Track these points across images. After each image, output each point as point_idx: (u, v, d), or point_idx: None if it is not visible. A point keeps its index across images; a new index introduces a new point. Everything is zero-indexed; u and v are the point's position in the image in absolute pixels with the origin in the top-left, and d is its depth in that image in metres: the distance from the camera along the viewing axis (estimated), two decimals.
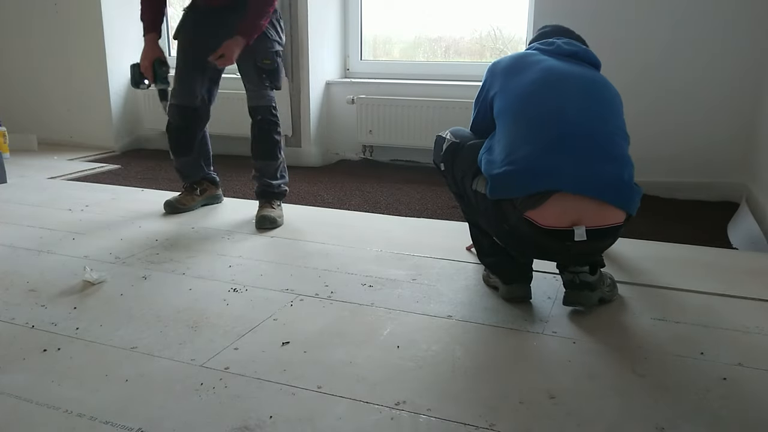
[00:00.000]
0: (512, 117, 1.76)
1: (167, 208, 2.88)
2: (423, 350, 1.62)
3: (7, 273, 2.14)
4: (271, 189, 2.78)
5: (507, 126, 1.76)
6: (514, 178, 1.66)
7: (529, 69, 1.81)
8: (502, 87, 1.83)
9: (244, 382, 1.47)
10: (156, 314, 1.83)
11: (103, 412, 1.35)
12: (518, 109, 1.76)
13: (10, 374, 1.51)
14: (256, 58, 2.61)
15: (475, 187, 1.81)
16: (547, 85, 1.76)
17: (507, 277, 1.92)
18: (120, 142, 4.52)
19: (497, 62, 1.93)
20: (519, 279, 1.92)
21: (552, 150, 1.65)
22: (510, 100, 1.79)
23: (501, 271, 1.94)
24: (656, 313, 1.85)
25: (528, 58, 1.87)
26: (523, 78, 1.80)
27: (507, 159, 1.69)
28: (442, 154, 1.99)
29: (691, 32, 3.08)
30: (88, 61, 4.42)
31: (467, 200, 1.93)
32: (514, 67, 1.86)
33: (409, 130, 3.83)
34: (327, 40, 4.02)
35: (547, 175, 1.63)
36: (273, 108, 2.72)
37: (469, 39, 4.14)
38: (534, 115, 1.73)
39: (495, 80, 1.88)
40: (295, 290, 2.01)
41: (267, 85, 2.67)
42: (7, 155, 3.89)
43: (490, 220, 1.80)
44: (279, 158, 2.78)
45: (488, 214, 1.77)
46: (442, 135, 2.02)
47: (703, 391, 1.44)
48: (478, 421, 1.32)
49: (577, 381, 1.48)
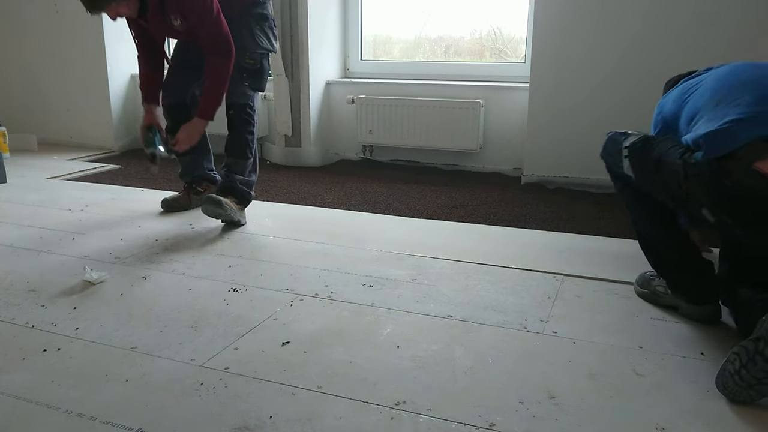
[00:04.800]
0: (710, 99, 1.58)
1: (164, 207, 2.90)
2: (423, 350, 1.62)
3: (7, 273, 2.14)
4: (233, 185, 2.70)
5: (708, 111, 1.57)
6: (731, 128, 1.44)
7: (704, 80, 1.67)
8: (681, 105, 1.68)
9: (244, 382, 1.47)
10: (156, 314, 1.83)
11: (103, 412, 1.35)
12: (711, 96, 1.59)
13: (10, 374, 1.51)
14: (240, 56, 2.60)
15: (685, 158, 1.54)
16: (736, 70, 1.61)
17: (696, 296, 1.77)
18: (120, 142, 4.52)
19: (662, 102, 1.80)
20: (709, 298, 1.77)
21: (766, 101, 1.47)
22: (698, 99, 1.63)
23: (686, 287, 1.79)
24: (656, 313, 1.85)
25: (691, 81, 1.72)
26: (703, 86, 1.65)
27: (721, 122, 1.48)
28: (629, 147, 1.75)
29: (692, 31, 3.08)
30: (88, 61, 4.42)
31: (667, 186, 1.64)
32: (684, 91, 1.71)
33: (409, 130, 3.83)
34: (327, 40, 4.01)
35: None
36: (249, 107, 2.71)
37: (469, 39, 4.14)
38: (735, 83, 1.56)
39: (665, 105, 1.76)
40: (295, 290, 2.01)
41: (246, 84, 2.67)
42: (7, 155, 3.89)
43: (705, 193, 1.50)
44: (249, 157, 2.74)
45: (705, 183, 1.49)
46: (622, 132, 1.82)
47: (703, 391, 1.44)
48: (478, 421, 1.32)
49: (577, 381, 1.48)
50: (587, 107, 3.31)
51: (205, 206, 2.56)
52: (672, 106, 1.73)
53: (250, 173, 2.75)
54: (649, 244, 1.88)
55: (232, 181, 2.68)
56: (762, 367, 1.33)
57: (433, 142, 3.80)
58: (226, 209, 2.56)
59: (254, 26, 2.66)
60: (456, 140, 3.73)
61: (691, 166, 1.51)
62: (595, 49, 3.25)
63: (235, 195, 2.68)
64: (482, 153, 3.77)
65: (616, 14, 3.17)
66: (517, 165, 3.67)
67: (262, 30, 2.68)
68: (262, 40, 2.68)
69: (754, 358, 1.34)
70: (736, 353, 1.39)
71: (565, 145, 3.38)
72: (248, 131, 2.71)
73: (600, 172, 3.40)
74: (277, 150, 4.08)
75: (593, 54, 3.24)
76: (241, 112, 2.69)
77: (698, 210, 1.55)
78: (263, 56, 2.71)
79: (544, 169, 3.47)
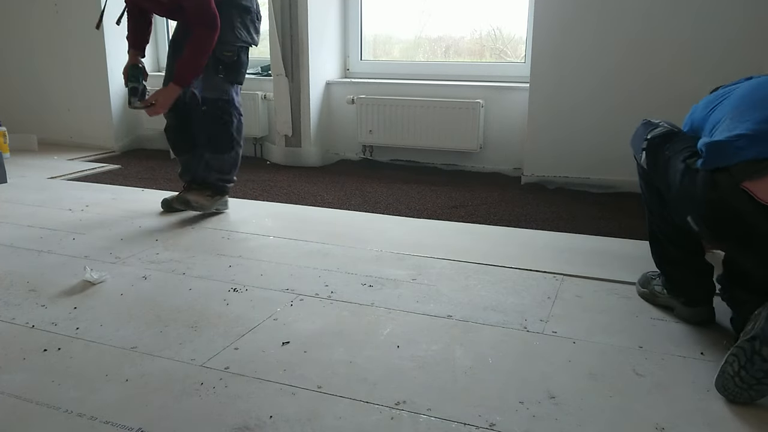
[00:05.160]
0: (731, 110, 1.58)
1: (164, 207, 2.91)
2: (423, 350, 1.62)
3: (7, 273, 2.15)
4: (207, 179, 2.78)
5: (725, 122, 1.57)
6: (733, 143, 1.44)
7: (734, 91, 1.66)
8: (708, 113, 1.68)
9: (244, 382, 1.47)
10: (156, 314, 1.83)
11: (103, 412, 1.35)
12: (732, 108, 1.59)
13: (10, 374, 1.51)
14: (217, 48, 2.60)
15: (688, 163, 1.55)
16: (763, 84, 1.62)
17: (691, 297, 1.78)
18: (120, 142, 4.52)
19: (696, 106, 1.80)
20: (704, 300, 1.77)
21: None
22: (723, 109, 1.63)
23: (682, 289, 1.80)
24: (656, 313, 1.85)
25: (726, 89, 1.72)
26: (733, 95, 1.65)
27: (728, 134, 1.48)
28: (649, 139, 1.74)
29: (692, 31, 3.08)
30: (88, 61, 4.42)
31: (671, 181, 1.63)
32: (715, 98, 1.71)
33: (409, 130, 3.83)
34: (327, 40, 4.01)
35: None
36: (225, 101, 2.71)
37: (469, 39, 4.14)
38: (756, 98, 1.56)
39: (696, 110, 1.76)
40: (295, 290, 2.01)
41: (221, 77, 2.67)
42: (7, 155, 3.89)
43: (693, 200, 1.52)
44: (226, 152, 2.76)
45: (694, 191, 1.50)
46: (655, 122, 1.80)
47: (703, 391, 1.44)
48: (478, 421, 1.32)
49: (577, 381, 1.48)
50: (587, 107, 3.31)
51: (176, 205, 2.75)
52: (701, 112, 1.73)
53: (230, 168, 2.81)
54: (656, 238, 1.87)
55: (207, 176, 2.80)
56: (761, 366, 1.33)
57: (433, 142, 3.80)
58: (194, 206, 2.72)
59: (236, 18, 2.65)
60: (456, 140, 3.73)
61: (690, 172, 1.52)
62: (595, 48, 3.25)
63: (210, 188, 2.79)
64: (482, 153, 3.77)
65: (616, 14, 3.17)
66: (517, 165, 3.67)
67: (243, 23, 2.67)
68: (242, 33, 2.67)
69: (753, 359, 1.34)
70: (734, 355, 1.39)
71: (565, 145, 3.38)
72: (223, 127, 2.72)
73: (600, 172, 3.44)
74: (277, 150, 4.08)
75: (593, 54, 3.24)
76: (213, 107, 2.70)
77: (685, 216, 1.56)
78: (242, 49, 2.71)
79: (544, 169, 3.47)
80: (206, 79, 2.67)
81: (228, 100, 2.71)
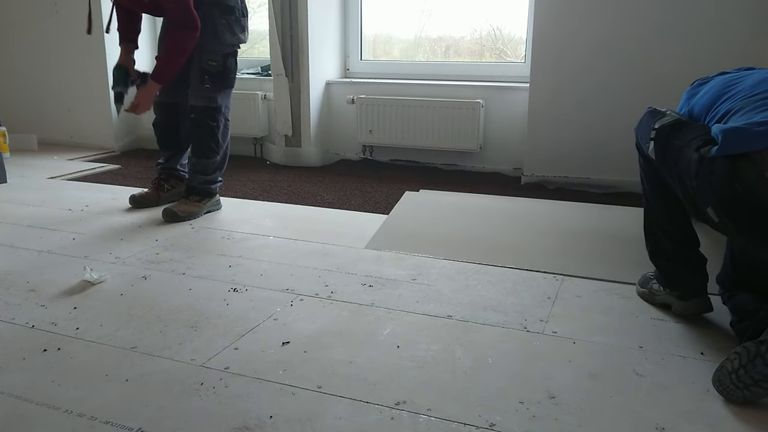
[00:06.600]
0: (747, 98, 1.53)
1: (132, 203, 2.94)
2: (423, 350, 1.62)
3: (7, 273, 2.14)
4: (192, 185, 2.82)
5: (740, 110, 1.52)
6: (753, 129, 1.37)
7: (747, 77, 1.62)
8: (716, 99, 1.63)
9: (244, 382, 1.47)
10: (156, 314, 1.83)
11: (103, 412, 1.35)
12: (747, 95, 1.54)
13: (10, 374, 1.51)
14: (202, 59, 2.60)
15: (702, 152, 1.47)
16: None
17: (686, 289, 1.78)
18: (120, 142, 4.52)
19: (691, 91, 1.78)
20: (699, 291, 1.77)
21: None
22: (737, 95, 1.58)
23: (677, 283, 1.80)
24: (656, 313, 1.85)
25: (732, 76, 1.67)
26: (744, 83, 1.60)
27: (746, 121, 1.43)
28: (657, 129, 1.67)
29: (693, 32, 3.08)
30: (88, 61, 4.42)
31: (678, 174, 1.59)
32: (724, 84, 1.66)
33: (409, 130, 3.83)
34: (327, 40, 4.01)
35: None
36: (213, 109, 2.71)
37: (469, 39, 4.14)
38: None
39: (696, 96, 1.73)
40: (295, 290, 2.01)
41: (207, 87, 2.67)
42: (7, 155, 3.88)
43: (713, 191, 1.44)
44: (211, 157, 2.78)
45: (713, 182, 1.43)
46: (662, 110, 1.74)
47: (703, 391, 1.44)
48: (478, 421, 1.32)
49: (577, 381, 1.48)
50: (587, 107, 3.31)
51: (165, 218, 2.75)
52: (705, 99, 1.66)
53: (215, 170, 2.83)
54: (651, 231, 1.85)
55: (192, 181, 2.82)
56: (761, 369, 1.33)
57: (433, 142, 3.80)
58: (184, 217, 2.74)
59: (218, 20, 2.62)
60: (456, 140, 3.73)
61: (705, 161, 1.44)
62: (595, 48, 3.24)
63: (197, 194, 2.82)
64: (482, 153, 3.77)
65: (617, 14, 3.17)
66: (517, 165, 3.67)
67: (227, 24, 2.64)
68: (226, 36, 2.64)
69: (755, 360, 1.34)
70: (737, 353, 1.39)
71: (565, 145, 3.38)
72: (210, 133, 2.74)
73: (600, 172, 3.44)
74: (277, 150, 4.09)
75: (593, 54, 3.24)
76: (201, 115, 2.71)
77: (704, 207, 1.50)
78: (228, 55, 2.69)
79: (544, 169, 3.47)
80: (193, 88, 2.68)
81: (216, 108, 2.72)
